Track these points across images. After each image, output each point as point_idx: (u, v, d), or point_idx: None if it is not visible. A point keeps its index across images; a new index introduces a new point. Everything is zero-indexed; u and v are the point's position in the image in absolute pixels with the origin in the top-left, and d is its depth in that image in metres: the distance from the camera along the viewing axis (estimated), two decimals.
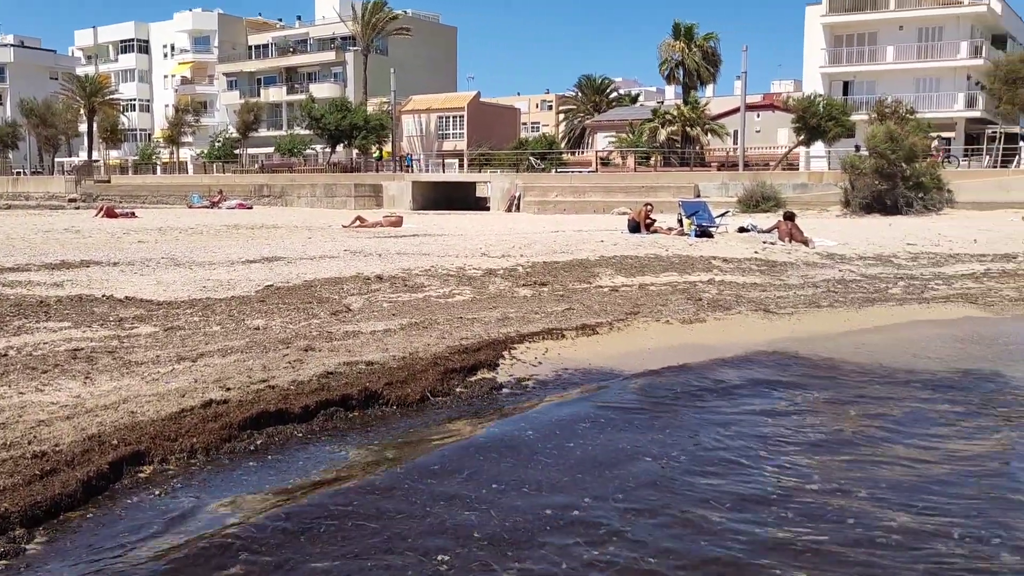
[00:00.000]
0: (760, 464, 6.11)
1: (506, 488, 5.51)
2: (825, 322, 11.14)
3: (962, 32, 46.75)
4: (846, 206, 30.06)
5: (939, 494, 5.52)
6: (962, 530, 4.96)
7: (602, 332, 10.07)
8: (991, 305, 12.24)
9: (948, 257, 15.93)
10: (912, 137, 29.77)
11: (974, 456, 6.42)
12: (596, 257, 15.04)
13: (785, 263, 15.06)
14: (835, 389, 8.46)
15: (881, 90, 44.34)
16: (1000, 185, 30.70)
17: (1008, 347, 10.29)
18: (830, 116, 37.33)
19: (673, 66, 49.88)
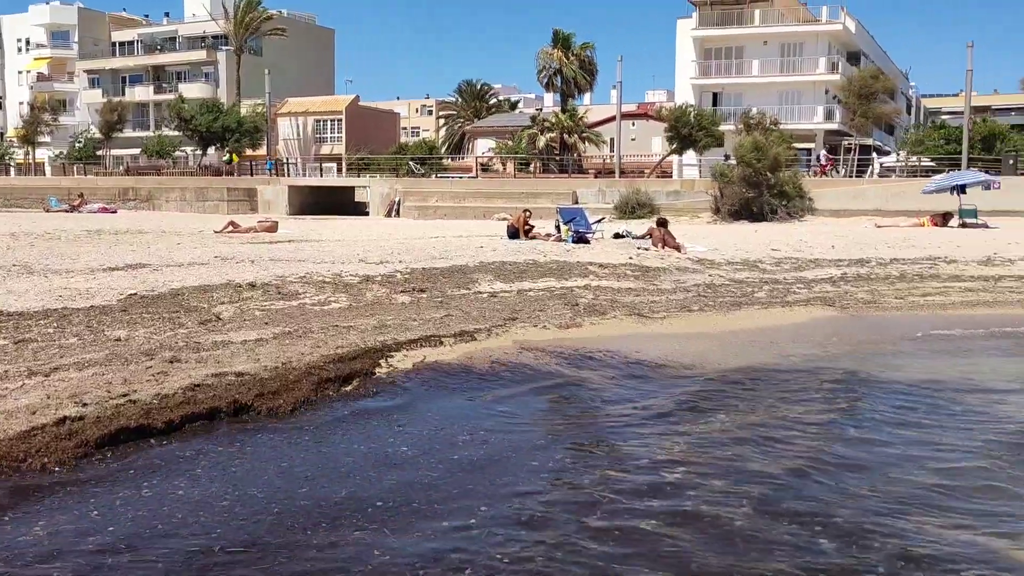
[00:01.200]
0: (637, 452, 6.25)
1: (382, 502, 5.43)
2: (696, 324, 11.52)
3: (820, 49, 49.43)
4: (716, 213, 31.24)
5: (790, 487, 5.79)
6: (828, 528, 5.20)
7: (480, 339, 10.07)
8: (846, 307, 12.95)
9: (809, 262, 16.75)
10: (776, 148, 31.23)
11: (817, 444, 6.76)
12: (476, 263, 15.06)
13: (658, 268, 15.48)
14: (713, 395, 8.72)
15: (748, 102, 46.36)
16: (855, 194, 32.59)
17: (860, 345, 10.90)
18: (701, 126, 38.73)
19: (551, 74, 50.69)
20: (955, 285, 14.79)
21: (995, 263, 16.83)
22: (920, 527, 5.26)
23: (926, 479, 6.10)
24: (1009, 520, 5.42)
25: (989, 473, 6.23)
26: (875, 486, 5.99)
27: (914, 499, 5.73)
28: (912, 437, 7.15)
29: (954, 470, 6.30)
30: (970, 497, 5.79)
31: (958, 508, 5.59)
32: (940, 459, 6.55)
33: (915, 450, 6.79)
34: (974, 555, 4.88)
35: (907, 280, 15.20)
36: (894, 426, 7.50)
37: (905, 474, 6.23)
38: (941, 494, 5.82)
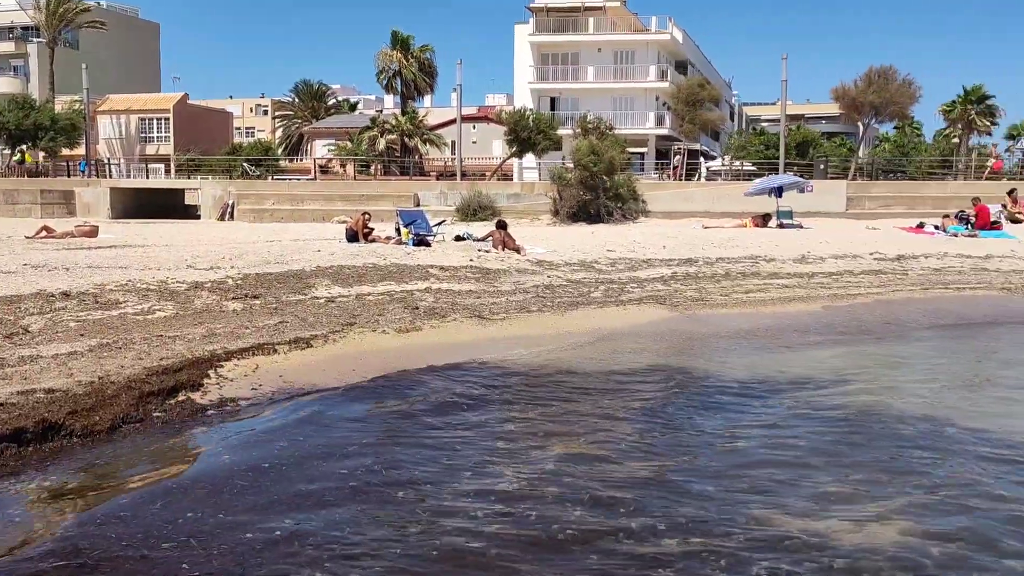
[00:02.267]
0: (459, 468, 6.23)
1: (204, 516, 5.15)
2: (535, 325, 11.69)
3: (650, 57, 51.53)
4: (555, 215, 31.88)
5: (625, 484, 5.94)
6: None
7: (317, 345, 9.81)
8: (676, 305, 13.51)
9: (642, 262, 17.36)
10: (611, 151, 32.23)
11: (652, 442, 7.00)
12: (313, 267, 14.65)
13: (499, 270, 15.61)
14: (533, 397, 8.84)
15: (584, 107, 47.58)
16: (685, 196, 34.13)
17: (689, 341, 11.39)
18: (539, 130, 39.41)
19: (391, 75, 50.24)
20: (774, 282, 15.74)
21: (808, 261, 18.04)
22: (754, 514, 5.52)
23: (759, 468, 6.42)
24: (835, 502, 5.78)
25: (815, 458, 6.65)
26: (708, 475, 6.26)
27: (749, 487, 6.02)
28: (743, 428, 7.52)
29: (783, 458, 6.67)
30: (800, 482, 6.15)
31: (790, 493, 5.92)
32: (769, 447, 6.92)
33: (744, 441, 7.14)
34: (804, 539, 5.16)
35: (731, 278, 16.04)
36: (724, 417, 7.87)
37: (737, 462, 6.55)
38: (774, 482, 6.14)
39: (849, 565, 4.82)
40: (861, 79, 39.82)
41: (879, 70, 39.51)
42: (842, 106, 41.24)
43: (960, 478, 6.19)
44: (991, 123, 58.71)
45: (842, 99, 40.54)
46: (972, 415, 7.87)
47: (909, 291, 15.48)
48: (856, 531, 5.30)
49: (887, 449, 6.92)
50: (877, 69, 39.60)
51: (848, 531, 5.30)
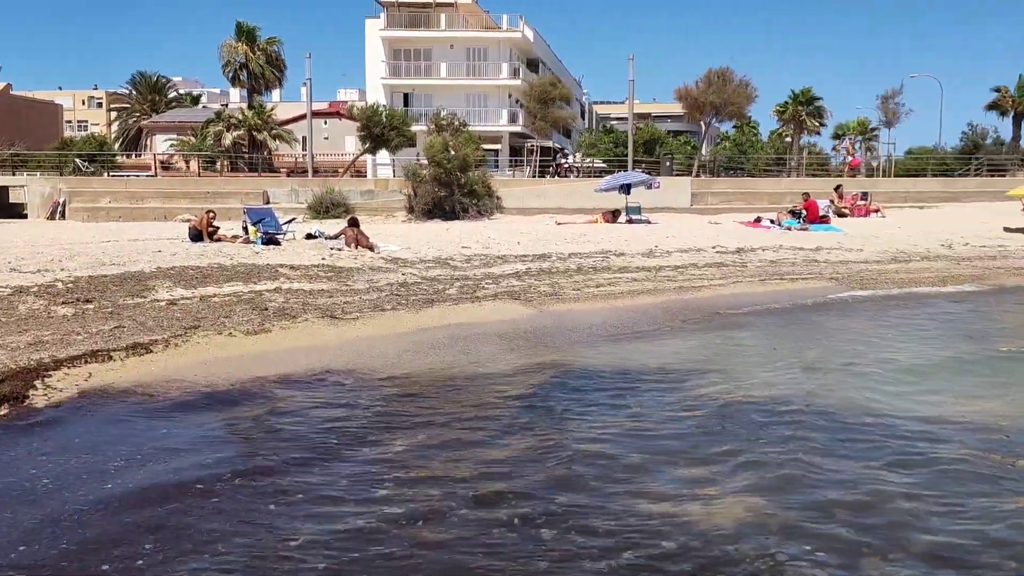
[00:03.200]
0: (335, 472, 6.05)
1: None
2: (389, 324, 11.53)
3: (503, 55, 51.99)
4: (410, 212, 31.62)
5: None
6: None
7: (157, 350, 9.31)
8: (531, 301, 13.65)
9: (497, 258, 17.47)
10: (465, 148, 32.28)
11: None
12: (153, 268, 13.91)
13: (352, 268, 15.31)
14: (386, 401, 8.72)
15: (438, 103, 47.46)
16: (539, 193, 34.65)
17: (547, 336, 11.53)
18: (392, 126, 39.00)
19: (237, 68, 48.40)
20: (624, 276, 16.18)
21: (656, 255, 18.67)
22: (626, 503, 5.64)
23: (630, 456, 6.56)
24: (701, 486, 5.97)
25: (683, 444, 6.86)
26: (581, 467, 6.34)
27: (620, 476, 6.14)
28: (611, 418, 7.66)
29: (654, 445, 6.84)
30: (671, 468, 6.32)
31: (659, 479, 6.08)
32: (639, 435, 7.08)
33: (610, 429, 7.28)
34: (676, 525, 5.32)
35: (584, 272, 16.37)
36: (592, 409, 8.00)
37: (610, 451, 6.66)
38: (645, 470, 6.28)
39: (703, 544, 5.00)
40: (702, 80, 41.67)
41: (718, 72, 41.49)
42: (685, 106, 43.03)
43: (800, 455, 6.53)
44: (820, 123, 62.72)
45: (685, 99, 42.29)
46: (810, 394, 8.35)
47: (748, 282, 16.27)
48: (711, 512, 5.52)
49: (736, 430, 7.24)
50: (716, 71, 41.59)
51: (704, 512, 5.51)
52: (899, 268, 18.30)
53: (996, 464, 6.47)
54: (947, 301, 14.96)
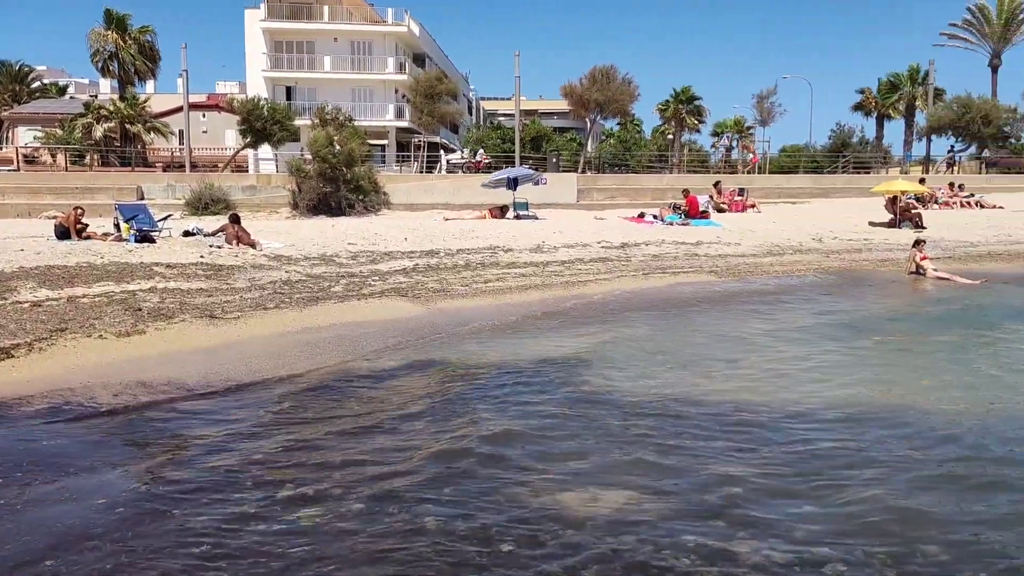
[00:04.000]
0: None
1: None
2: (273, 324, 11.20)
3: (388, 49, 51.40)
4: (295, 208, 30.88)
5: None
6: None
7: (19, 355, 8.76)
8: (418, 297, 13.54)
9: (384, 255, 17.25)
10: (351, 143, 31.75)
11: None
12: (14, 268, 13.08)
13: (233, 267, 14.82)
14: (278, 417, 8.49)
15: (322, 97, 46.53)
16: (427, 188, 34.45)
17: (436, 334, 11.45)
18: (275, 120, 37.99)
19: (107, 58, 46.17)
20: (512, 271, 16.26)
21: (543, 250, 18.84)
22: (511, 495, 5.63)
23: (515, 449, 6.55)
24: (581, 477, 6.02)
25: (565, 437, 6.90)
26: (467, 461, 6.30)
27: (506, 470, 6.13)
28: (499, 413, 7.65)
29: (539, 439, 6.86)
30: (553, 462, 6.35)
31: (543, 472, 6.09)
32: (525, 430, 7.09)
33: (500, 424, 7.26)
34: (556, 518, 5.34)
35: (472, 268, 16.35)
36: (480, 405, 7.98)
37: (495, 446, 6.64)
38: (530, 464, 6.28)
39: (588, 534, 5.05)
40: (587, 78, 42.27)
41: (602, 69, 42.15)
42: (571, 103, 43.54)
43: (679, 444, 6.69)
44: (699, 121, 64.90)
45: (570, 96, 42.79)
46: (689, 387, 8.58)
47: (632, 276, 16.63)
48: (592, 501, 5.59)
49: (619, 422, 7.36)
50: (600, 68, 42.23)
51: (584, 501, 5.58)
52: (774, 261, 19.07)
53: (852, 450, 6.79)
54: (817, 292, 15.67)
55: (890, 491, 5.82)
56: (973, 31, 53.42)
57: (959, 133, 46.14)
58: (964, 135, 46.09)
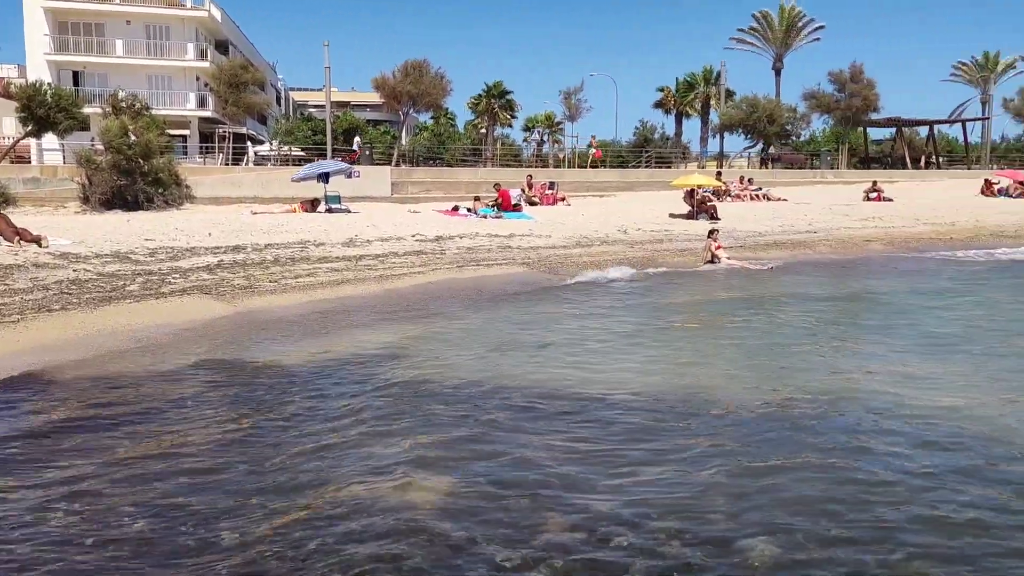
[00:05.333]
0: None
1: None
2: (58, 327, 10.33)
3: (188, 34, 48.78)
4: (86, 202, 28.66)
5: None
6: None
7: None
8: (223, 295, 12.92)
9: (185, 251, 16.33)
10: (148, 133, 29.84)
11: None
12: None
13: (11, 266, 13.53)
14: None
15: (114, 83, 43.47)
16: (232, 181, 33.02)
17: (241, 333, 10.96)
18: (60, 107, 35.05)
19: None
20: (323, 266, 15.86)
21: (356, 244, 18.51)
22: (316, 489, 5.44)
23: (321, 446, 6.34)
24: (392, 468, 5.92)
25: (377, 431, 6.75)
26: (273, 455, 6.04)
27: (310, 465, 5.91)
28: (305, 412, 7.38)
29: (345, 433, 6.67)
30: (364, 456, 6.18)
31: (352, 465, 5.92)
32: (329, 428, 6.88)
33: (307, 423, 7.01)
34: (364, 508, 5.20)
35: (281, 264, 15.81)
36: (287, 403, 7.68)
37: (301, 441, 6.40)
38: (341, 457, 6.09)
39: (395, 524, 4.98)
40: (399, 70, 41.96)
41: (414, 63, 41.98)
42: (383, 95, 43.08)
43: (496, 432, 6.76)
44: (511, 116, 66.06)
45: (382, 88, 42.33)
46: (512, 376, 8.69)
47: (447, 269, 16.67)
48: (402, 492, 5.54)
49: (438, 412, 7.34)
50: (412, 62, 42.05)
51: (399, 493, 5.53)
52: (583, 252, 19.71)
53: (660, 429, 7.13)
54: (623, 282, 16.35)
55: (678, 470, 6.14)
56: (759, 36, 57.59)
57: (748, 131, 49.69)
58: (752, 133, 49.69)
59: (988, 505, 5.51)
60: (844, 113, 50.38)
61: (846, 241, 23.19)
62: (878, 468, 6.13)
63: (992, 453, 6.47)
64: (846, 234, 24.18)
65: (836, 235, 23.97)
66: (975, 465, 6.22)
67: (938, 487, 5.79)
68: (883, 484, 5.84)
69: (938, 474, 6.02)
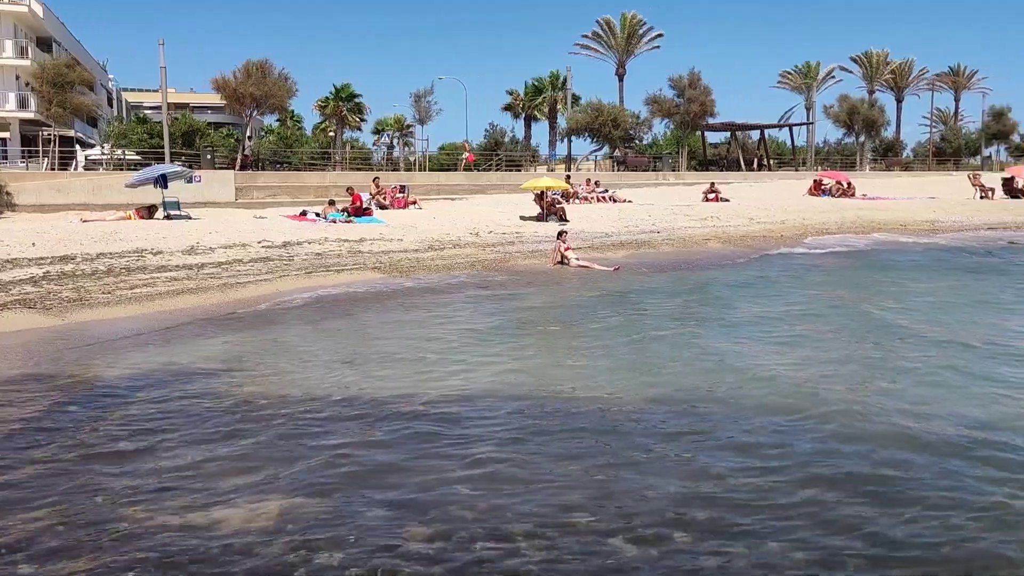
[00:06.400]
0: None
1: None
2: None
3: (5, 31, 45.33)
4: None
5: None
6: None
7: None
8: (50, 308, 12.07)
9: (5, 262, 15.13)
10: None
11: None
12: None
13: None
14: None
15: None
16: (59, 187, 30.94)
17: (71, 350, 10.26)
18: None
19: None
20: (162, 275, 15.08)
21: (198, 252, 17.70)
22: (148, 512, 5.12)
23: (153, 464, 5.98)
24: (234, 492, 5.65)
25: (210, 448, 6.43)
26: (99, 478, 5.64)
27: (144, 486, 5.57)
28: (133, 432, 6.95)
29: (181, 452, 6.32)
30: (200, 478, 5.87)
31: (186, 487, 5.61)
32: (164, 445, 6.50)
33: (134, 441, 6.61)
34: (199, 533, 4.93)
35: (115, 274, 14.92)
36: (111, 422, 7.22)
37: (131, 462, 6.02)
38: (172, 478, 5.76)
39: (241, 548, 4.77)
40: (240, 71, 40.57)
41: (256, 63, 40.71)
42: (224, 96, 41.53)
43: (346, 448, 6.60)
44: (361, 119, 65.18)
45: (223, 90, 40.81)
46: (360, 386, 8.52)
47: (296, 275, 16.22)
48: (251, 515, 5.32)
49: (275, 426, 7.09)
50: (255, 62, 40.76)
51: (241, 516, 5.30)
52: (435, 256, 19.65)
53: (520, 428, 7.19)
54: (474, 285, 16.41)
55: (518, 464, 6.22)
56: (602, 43, 59.36)
57: (594, 135, 51.12)
58: (598, 137, 51.16)
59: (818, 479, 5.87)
60: (683, 118, 52.67)
61: (687, 240, 24.21)
62: (726, 462, 6.40)
63: (824, 430, 6.91)
64: (687, 233, 25.25)
65: (678, 234, 24.99)
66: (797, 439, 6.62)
67: (781, 470, 6.12)
68: (717, 477, 6.10)
69: (784, 458, 6.36)
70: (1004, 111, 75.84)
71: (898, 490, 5.76)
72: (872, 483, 5.87)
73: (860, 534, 5.10)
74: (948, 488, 5.77)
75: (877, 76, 73.20)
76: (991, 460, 6.29)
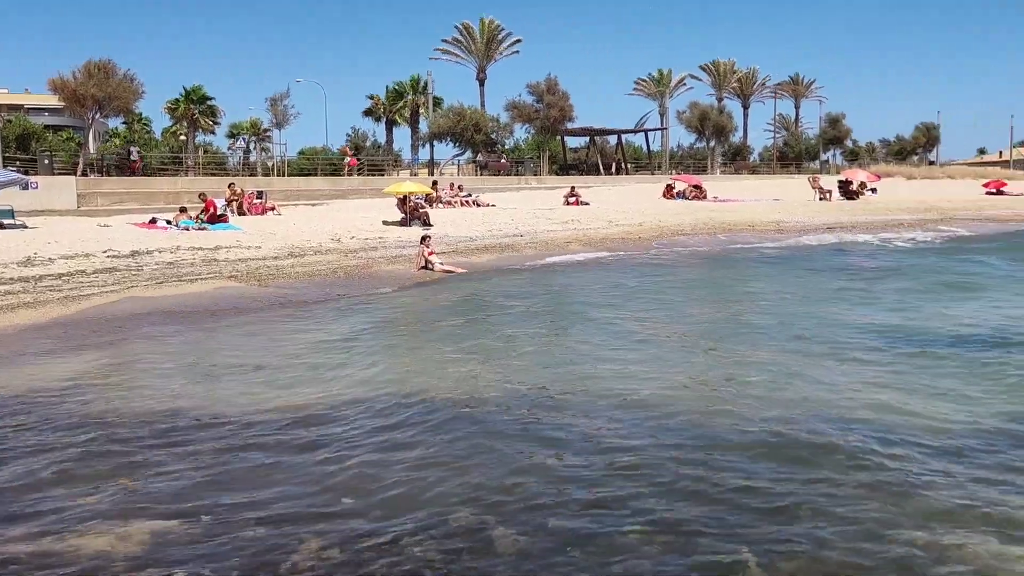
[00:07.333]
0: None
1: None
2: None
3: None
4: None
5: None
6: None
7: None
8: None
9: None
10: None
11: None
12: None
13: None
14: None
15: None
16: None
17: None
18: None
19: None
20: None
21: (35, 263, 16.55)
22: None
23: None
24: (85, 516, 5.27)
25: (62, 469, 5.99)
26: None
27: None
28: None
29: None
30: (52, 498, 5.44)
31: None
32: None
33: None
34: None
35: None
36: None
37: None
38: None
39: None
40: (81, 71, 38.30)
41: (98, 63, 38.54)
42: (63, 98, 39.08)
43: (207, 468, 6.30)
44: (214, 122, 62.89)
45: (62, 91, 38.41)
46: (221, 402, 8.17)
47: (144, 286, 15.43)
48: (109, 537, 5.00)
49: (137, 450, 6.71)
50: (96, 62, 38.56)
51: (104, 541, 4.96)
52: (295, 263, 19.14)
53: (394, 430, 7.08)
54: (335, 293, 16.08)
55: (375, 463, 6.14)
56: (462, 47, 59.60)
57: (456, 139, 51.22)
58: (460, 141, 51.30)
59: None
60: (543, 123, 53.54)
61: (549, 243, 24.60)
62: (576, 455, 6.51)
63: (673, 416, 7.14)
64: (549, 236, 25.65)
65: (540, 237, 25.35)
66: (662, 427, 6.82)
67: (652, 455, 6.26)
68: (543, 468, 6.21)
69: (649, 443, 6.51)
70: (839, 117, 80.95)
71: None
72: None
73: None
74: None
75: (725, 84, 76.78)
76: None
